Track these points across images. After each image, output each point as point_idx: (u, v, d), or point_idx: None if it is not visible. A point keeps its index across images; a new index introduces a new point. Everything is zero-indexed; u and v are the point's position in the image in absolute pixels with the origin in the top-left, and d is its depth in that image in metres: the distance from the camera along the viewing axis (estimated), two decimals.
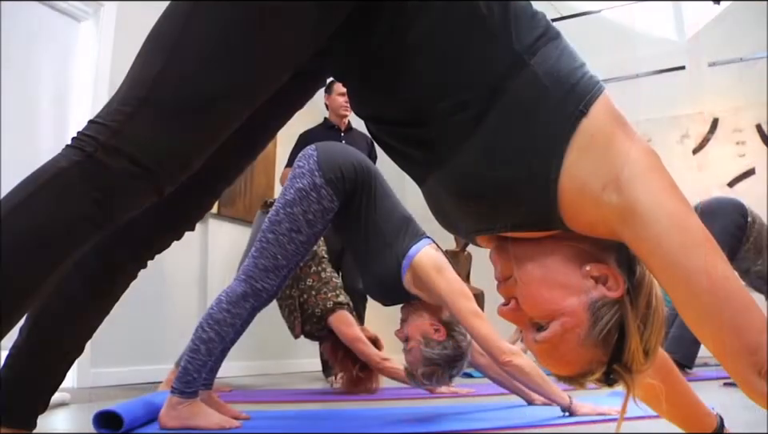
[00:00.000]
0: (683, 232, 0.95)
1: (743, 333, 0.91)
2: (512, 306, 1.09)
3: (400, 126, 1.13)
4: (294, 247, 2.26)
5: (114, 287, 1.30)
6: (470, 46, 1.05)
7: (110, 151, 1.00)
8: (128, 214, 1.06)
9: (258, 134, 1.33)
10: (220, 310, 2.21)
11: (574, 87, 1.02)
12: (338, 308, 3.48)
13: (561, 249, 1.08)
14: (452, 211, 1.15)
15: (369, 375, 3.45)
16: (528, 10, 1.10)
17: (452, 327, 2.25)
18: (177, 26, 1.05)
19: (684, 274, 0.94)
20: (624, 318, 1.04)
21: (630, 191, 0.97)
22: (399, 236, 2.29)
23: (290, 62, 1.10)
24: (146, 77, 1.03)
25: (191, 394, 2.16)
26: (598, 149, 1.00)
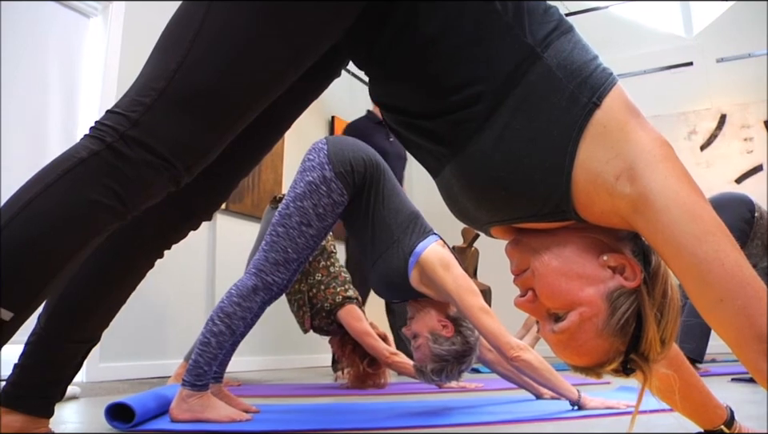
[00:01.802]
0: (696, 221, 0.95)
1: (756, 321, 0.92)
2: (529, 297, 1.10)
3: (415, 117, 1.14)
4: (305, 240, 2.27)
5: (131, 277, 1.32)
6: (484, 39, 1.05)
7: (129, 142, 1.01)
8: (146, 204, 1.07)
9: (273, 126, 1.34)
10: (231, 303, 2.22)
11: (587, 79, 1.03)
12: (347, 302, 3.48)
13: (577, 239, 1.08)
14: (467, 203, 1.15)
15: (377, 370, 3.45)
16: (541, 4, 1.11)
17: (460, 322, 2.25)
18: (196, 19, 1.06)
19: (697, 262, 0.94)
20: (641, 307, 1.04)
21: (643, 181, 0.97)
22: (407, 232, 2.29)
23: (305, 56, 1.11)
24: (165, 69, 1.04)
25: (202, 387, 2.17)
26: (611, 140, 1.01)
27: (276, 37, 1.05)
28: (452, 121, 1.08)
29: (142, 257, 1.31)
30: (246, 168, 1.36)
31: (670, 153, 1.01)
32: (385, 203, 2.36)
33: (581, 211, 1.04)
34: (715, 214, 0.98)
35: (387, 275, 2.31)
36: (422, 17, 1.07)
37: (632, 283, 1.05)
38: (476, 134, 1.05)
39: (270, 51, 1.06)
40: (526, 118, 1.03)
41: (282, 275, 2.26)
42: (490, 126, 1.04)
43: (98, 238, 1.05)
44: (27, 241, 0.98)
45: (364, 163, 2.35)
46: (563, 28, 1.10)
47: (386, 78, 1.16)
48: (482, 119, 1.05)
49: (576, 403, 2.20)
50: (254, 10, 1.04)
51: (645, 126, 1.04)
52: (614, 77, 1.07)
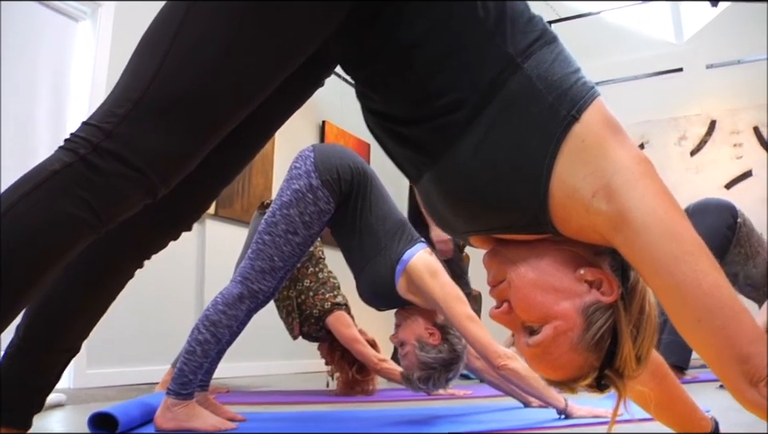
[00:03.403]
0: (674, 240, 0.95)
1: (734, 342, 0.91)
2: (504, 309, 1.09)
3: (396, 122, 1.13)
4: (291, 248, 2.26)
5: (111, 287, 1.30)
6: (465, 47, 1.05)
7: (103, 154, 1.00)
8: (121, 216, 1.06)
9: (256, 134, 1.33)
10: (216, 311, 2.21)
11: (567, 92, 1.02)
12: (335, 309, 3.47)
13: (555, 252, 1.07)
14: (445, 211, 1.15)
15: (366, 376, 3.45)
16: (525, 13, 1.10)
17: (447, 330, 2.25)
18: (172, 28, 1.04)
19: (675, 282, 0.93)
20: (617, 323, 1.04)
21: (621, 199, 0.97)
22: (394, 240, 2.29)
23: (287, 64, 1.10)
24: (139, 79, 1.03)
25: (187, 395, 2.16)
26: (589, 154, 1.00)
27: (257, 45, 1.04)
28: (432, 128, 1.07)
29: (121, 267, 1.30)
30: (228, 177, 1.35)
31: (649, 170, 1.01)
32: (372, 211, 2.36)
33: (558, 225, 1.03)
34: (694, 232, 0.97)
35: (374, 282, 2.31)
36: (405, 22, 1.06)
37: (609, 298, 1.04)
38: (455, 143, 1.05)
39: (249, 61, 1.05)
40: (505, 128, 1.02)
41: (268, 283, 2.25)
42: (468, 135, 1.04)
43: (73, 250, 1.04)
44: (0, 255, 0.97)
45: (351, 171, 2.34)
46: (546, 38, 1.09)
47: (370, 82, 1.15)
48: (461, 128, 1.04)
49: (563, 411, 2.20)
50: (235, 16, 1.03)
51: (624, 141, 1.03)
52: (595, 90, 1.06)
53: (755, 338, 0.92)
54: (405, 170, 1.19)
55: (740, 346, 0.91)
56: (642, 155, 1.03)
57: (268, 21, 1.04)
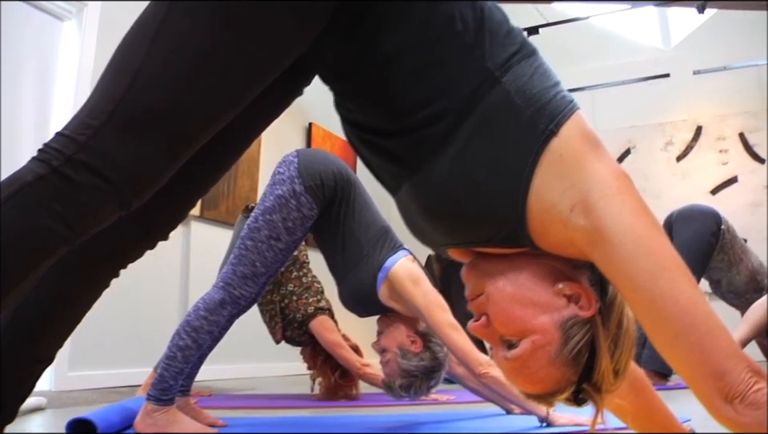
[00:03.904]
0: (650, 256, 0.94)
1: (710, 358, 0.91)
2: (482, 322, 1.09)
3: (375, 134, 1.12)
4: (273, 254, 2.25)
5: (86, 297, 1.29)
6: (443, 61, 1.04)
7: (77, 166, 0.99)
8: (95, 228, 1.05)
9: (234, 143, 1.31)
10: (197, 317, 2.19)
11: (546, 106, 1.02)
12: (319, 313, 3.46)
13: (533, 266, 1.07)
14: (423, 224, 1.14)
15: (349, 381, 3.44)
16: (504, 26, 1.09)
17: (428, 338, 2.25)
18: (147, 38, 1.03)
19: (651, 298, 0.93)
20: (595, 338, 1.04)
21: (598, 214, 0.96)
22: (376, 247, 2.28)
23: (264, 76, 1.09)
24: (114, 90, 1.02)
25: (167, 401, 2.14)
26: (566, 169, 1.00)
27: (232, 59, 1.03)
28: (410, 141, 1.07)
29: (97, 278, 1.28)
30: (205, 186, 1.34)
31: (627, 185, 1.00)
32: (355, 218, 2.35)
33: (536, 239, 1.03)
34: (671, 248, 0.97)
35: (356, 289, 2.30)
36: (383, 36, 1.05)
37: (587, 312, 1.04)
38: (433, 156, 1.05)
39: (224, 74, 1.04)
40: (483, 142, 1.02)
41: (249, 289, 2.23)
42: (446, 149, 1.03)
43: (46, 262, 1.03)
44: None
45: (334, 177, 2.33)
46: (525, 52, 1.08)
47: (349, 94, 1.15)
48: (439, 141, 1.04)
49: (544, 419, 2.20)
50: (210, 30, 1.02)
51: (602, 156, 1.02)
52: (574, 104, 1.06)
53: (731, 354, 0.92)
54: (383, 181, 1.19)
55: (715, 362, 0.91)
56: (621, 170, 1.03)
57: (243, 35, 1.03)
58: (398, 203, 1.19)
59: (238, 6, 1.01)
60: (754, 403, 0.90)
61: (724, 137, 7.04)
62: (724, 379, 0.91)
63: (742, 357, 0.93)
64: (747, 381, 0.90)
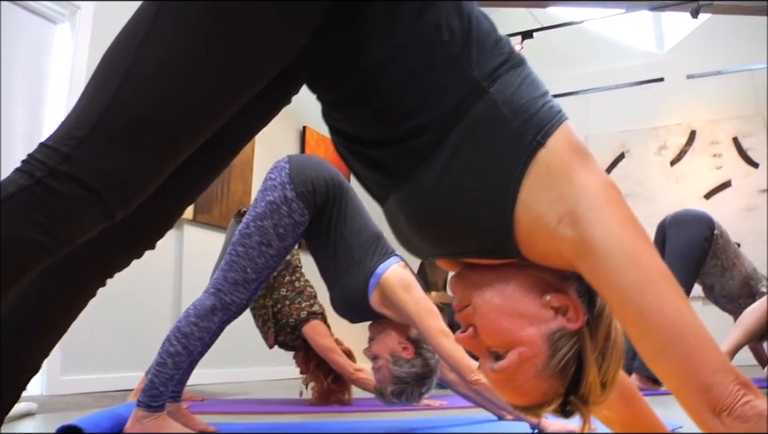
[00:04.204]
0: (638, 269, 0.94)
1: (697, 371, 0.91)
2: (470, 333, 1.08)
3: (362, 144, 1.12)
4: (264, 260, 2.24)
5: (72, 307, 1.28)
6: (430, 72, 1.04)
7: (60, 177, 0.98)
8: (79, 239, 1.04)
9: (221, 151, 1.31)
10: (188, 323, 2.18)
11: (534, 116, 1.02)
12: (311, 318, 3.46)
13: (521, 278, 1.07)
14: (410, 234, 1.14)
15: (341, 386, 3.44)
16: (491, 36, 1.09)
17: (420, 344, 2.24)
18: (132, 47, 1.02)
19: (638, 311, 0.93)
20: (582, 350, 1.03)
21: (585, 226, 0.96)
22: (368, 253, 2.28)
23: (251, 85, 1.08)
24: (98, 101, 1.01)
25: (157, 408, 2.13)
26: (554, 180, 0.99)
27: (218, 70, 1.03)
28: (396, 152, 1.06)
29: (83, 287, 1.28)
30: (192, 195, 1.33)
31: (615, 196, 1.00)
32: (347, 224, 2.35)
33: (524, 250, 1.03)
34: (659, 260, 0.97)
35: (348, 295, 2.30)
36: (370, 46, 1.05)
37: (574, 324, 1.04)
38: (420, 167, 1.04)
39: (210, 84, 1.03)
40: (470, 152, 1.02)
41: (241, 295, 2.23)
42: (433, 159, 1.03)
43: (30, 273, 1.02)
44: None
45: (326, 183, 2.33)
46: (513, 62, 1.08)
47: (336, 103, 1.14)
48: (425, 152, 1.03)
49: (536, 425, 2.19)
50: (196, 39, 1.01)
51: (590, 167, 1.02)
52: (561, 115, 1.05)
53: (719, 367, 0.92)
54: (371, 191, 1.18)
55: (703, 375, 0.91)
56: (608, 181, 1.02)
57: (230, 44, 1.02)
58: (386, 213, 1.18)
59: (224, 15, 1.00)
60: (741, 417, 0.89)
61: (718, 141, 7.05)
62: (712, 392, 0.90)
63: (730, 370, 0.92)
64: (735, 394, 0.90)
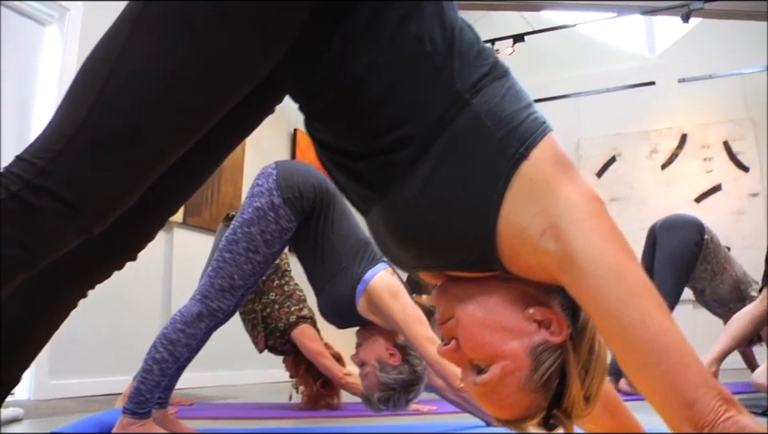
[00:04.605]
0: (621, 283, 0.93)
1: (680, 387, 0.90)
2: (452, 346, 1.08)
3: (344, 156, 1.11)
4: (251, 267, 2.23)
5: (53, 319, 1.27)
6: (411, 83, 1.02)
7: (36, 190, 0.97)
8: (56, 253, 1.03)
9: (204, 161, 1.29)
10: (174, 330, 2.17)
11: (517, 128, 1.01)
12: (301, 322, 3.45)
13: (504, 290, 1.06)
14: (393, 247, 1.13)
15: (331, 390, 3.43)
16: (475, 46, 1.08)
17: (407, 351, 2.24)
18: (109, 60, 1.00)
19: (621, 325, 0.92)
20: (565, 364, 1.03)
21: (568, 239, 0.95)
22: (355, 259, 2.27)
23: (230, 97, 1.06)
24: (75, 113, 1.00)
25: (143, 415, 2.12)
26: (537, 193, 0.98)
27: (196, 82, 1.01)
28: (378, 164, 1.05)
29: (63, 299, 1.26)
30: (174, 205, 1.31)
31: (598, 209, 0.99)
32: (334, 230, 2.34)
33: (506, 263, 1.02)
34: (643, 274, 0.96)
35: (335, 301, 2.29)
36: (351, 58, 1.03)
37: (557, 338, 1.03)
38: (402, 179, 1.03)
39: (188, 96, 1.01)
40: (453, 165, 1.01)
41: (227, 302, 2.21)
42: (415, 172, 1.02)
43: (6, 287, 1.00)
44: None
45: (313, 189, 2.32)
46: (496, 72, 1.07)
47: (318, 115, 1.13)
48: (407, 164, 1.02)
49: None
50: (175, 51, 0.99)
51: (574, 179, 1.01)
52: (546, 126, 1.04)
53: (701, 383, 0.91)
54: (354, 202, 1.17)
55: (685, 391, 0.90)
56: (592, 193, 1.02)
57: (208, 57, 1.00)
58: (369, 225, 1.18)
59: (202, 27, 0.99)
60: (723, 433, 0.89)
61: (708, 145, 7.08)
62: (694, 407, 0.90)
63: (713, 385, 0.92)
64: (717, 410, 0.89)
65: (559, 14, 6.73)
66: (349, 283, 2.24)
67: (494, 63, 1.08)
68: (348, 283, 2.24)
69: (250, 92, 1.10)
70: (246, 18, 0.99)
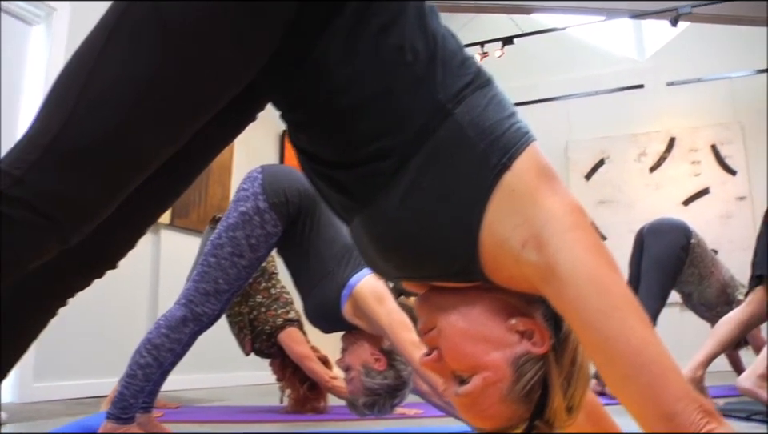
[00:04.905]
0: (602, 296, 0.93)
1: (660, 400, 0.90)
2: (434, 356, 1.07)
3: (326, 166, 1.10)
4: (236, 271, 2.22)
5: (31, 328, 1.25)
6: (393, 94, 1.01)
7: (11, 201, 0.95)
8: (32, 264, 1.01)
9: (184, 169, 1.27)
10: (158, 334, 2.16)
11: (500, 138, 1.00)
12: (287, 325, 3.44)
13: (487, 301, 1.05)
14: (375, 257, 1.12)
15: (317, 394, 3.42)
16: (458, 55, 1.07)
17: (393, 356, 2.23)
18: (85, 69, 0.99)
19: (602, 338, 0.92)
20: (547, 375, 1.02)
21: (550, 250, 0.95)
22: (341, 264, 2.26)
23: (207, 108, 1.05)
24: (51, 123, 0.98)
25: (127, 420, 2.11)
26: (519, 204, 0.98)
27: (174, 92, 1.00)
28: (360, 174, 1.04)
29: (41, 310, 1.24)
30: (154, 213, 1.29)
31: (581, 220, 0.99)
32: (320, 234, 2.33)
33: (489, 274, 1.01)
34: (624, 287, 0.95)
35: (320, 305, 2.28)
36: (332, 67, 1.02)
37: (540, 349, 1.02)
38: (383, 190, 1.02)
39: (165, 107, 0.99)
40: (435, 176, 1.00)
41: (212, 306, 2.20)
42: (397, 182, 1.01)
43: None
44: None
45: (299, 194, 2.31)
46: (479, 82, 1.06)
47: (300, 124, 1.12)
48: (389, 175, 1.01)
49: None
50: (151, 57, 0.97)
51: (557, 190, 1.01)
52: (529, 136, 1.04)
53: (682, 395, 0.91)
54: (336, 212, 1.16)
55: (666, 404, 0.90)
56: (575, 204, 1.01)
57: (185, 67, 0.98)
58: (352, 234, 1.17)
59: (179, 37, 0.97)
60: None
61: (696, 148, 7.10)
62: (674, 420, 0.90)
63: (694, 398, 0.92)
64: (698, 422, 0.89)
65: (549, 17, 6.75)
66: (334, 287, 2.23)
67: (477, 72, 1.07)
68: (334, 288, 2.23)
69: (231, 100, 1.09)
70: (223, 28, 0.97)
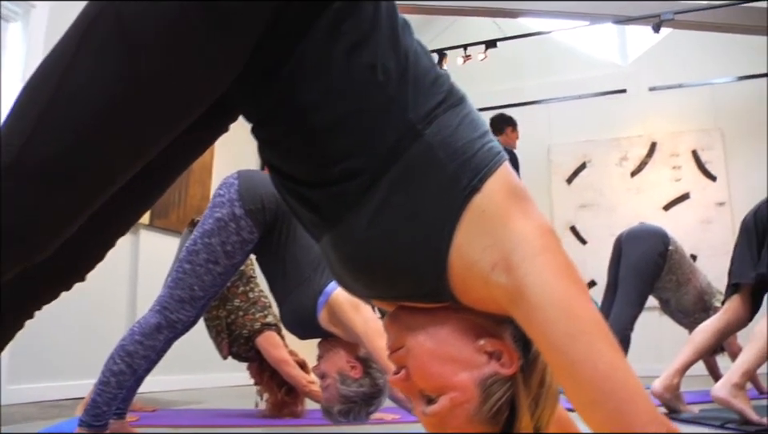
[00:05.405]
0: (570, 320, 0.92)
1: (628, 425, 0.89)
2: (402, 376, 1.07)
3: (297, 183, 1.09)
4: (212, 278, 2.20)
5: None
6: (363, 113, 1.00)
7: None
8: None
9: (154, 182, 1.25)
10: (132, 342, 2.14)
11: (470, 160, 0.99)
12: (265, 329, 3.42)
13: (455, 321, 1.05)
14: (344, 275, 1.11)
15: (295, 398, 3.40)
16: (430, 73, 1.06)
17: (369, 364, 2.22)
18: (52, 82, 0.96)
19: (569, 362, 0.91)
20: (515, 396, 1.02)
21: (519, 273, 0.94)
22: (317, 271, 2.25)
23: (176, 122, 1.03)
24: (13, 141, 0.96)
25: (100, 427, 2.09)
26: (489, 226, 0.97)
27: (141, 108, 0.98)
28: (329, 193, 1.03)
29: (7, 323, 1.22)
30: (124, 227, 1.27)
31: (551, 243, 0.98)
32: (297, 240, 2.31)
33: (458, 296, 1.01)
34: (594, 311, 0.95)
35: (296, 312, 2.27)
36: (302, 86, 1.01)
37: (508, 370, 1.02)
38: (352, 210, 1.01)
39: (134, 118, 0.97)
40: (404, 197, 0.99)
41: (187, 313, 2.18)
42: (366, 203, 1.00)
43: None
44: None
45: (276, 200, 2.29)
46: (452, 100, 1.05)
47: (270, 141, 1.10)
48: (358, 195, 1.00)
49: None
50: (119, 70, 0.95)
51: (527, 212, 1.00)
52: (500, 156, 1.03)
53: (649, 420, 0.91)
54: (307, 228, 1.15)
55: (634, 429, 0.90)
56: (546, 226, 1.01)
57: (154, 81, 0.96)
58: (322, 251, 1.16)
59: (147, 50, 0.96)
60: None
61: (677, 153, 7.14)
62: None
63: (662, 422, 0.92)
64: None
65: (532, 21, 6.77)
66: (311, 294, 2.22)
67: (450, 90, 1.06)
68: (310, 295, 2.22)
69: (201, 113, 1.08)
70: (192, 43, 0.96)
